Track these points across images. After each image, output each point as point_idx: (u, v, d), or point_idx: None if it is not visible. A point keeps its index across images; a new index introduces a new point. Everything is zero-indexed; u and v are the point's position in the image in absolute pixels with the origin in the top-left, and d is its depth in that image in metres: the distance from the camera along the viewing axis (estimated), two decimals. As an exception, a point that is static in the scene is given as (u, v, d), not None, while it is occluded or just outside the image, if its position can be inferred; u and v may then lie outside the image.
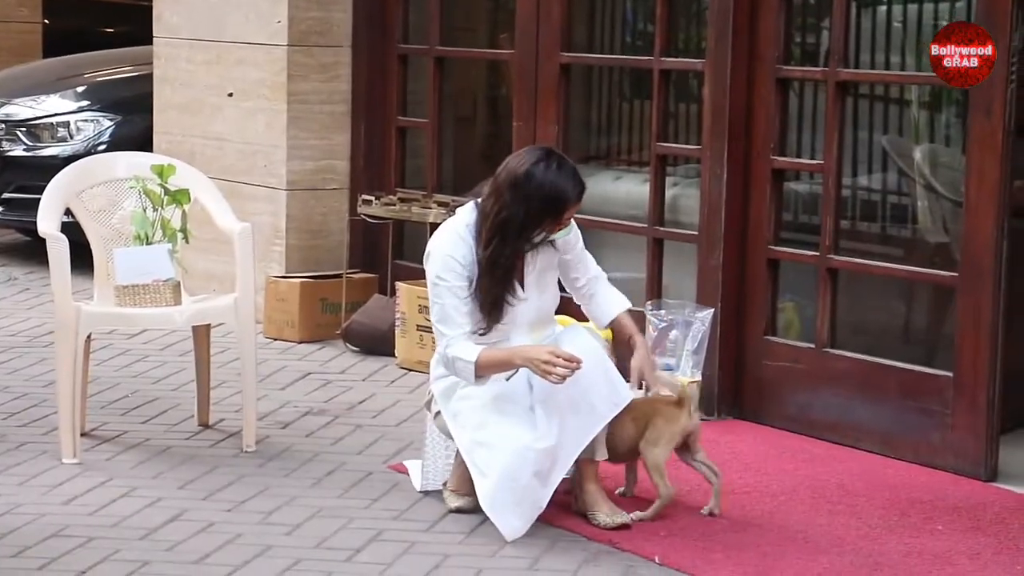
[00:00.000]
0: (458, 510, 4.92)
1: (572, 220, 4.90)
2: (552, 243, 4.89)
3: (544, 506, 4.77)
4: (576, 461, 4.82)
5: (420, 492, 5.11)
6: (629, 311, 5.07)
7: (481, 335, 4.78)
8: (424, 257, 4.92)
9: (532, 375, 4.79)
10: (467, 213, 4.87)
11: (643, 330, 6.07)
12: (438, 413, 4.94)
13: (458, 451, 4.92)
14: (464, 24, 8.05)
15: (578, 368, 4.61)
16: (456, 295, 4.78)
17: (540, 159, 4.78)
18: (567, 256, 4.98)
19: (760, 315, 6.05)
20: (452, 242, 4.83)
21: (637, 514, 4.83)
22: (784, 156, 6.06)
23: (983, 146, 5.34)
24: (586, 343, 4.79)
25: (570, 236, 4.96)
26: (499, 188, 4.77)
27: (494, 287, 4.77)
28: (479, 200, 4.86)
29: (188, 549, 4.60)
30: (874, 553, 4.65)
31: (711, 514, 4.89)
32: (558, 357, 4.61)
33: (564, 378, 4.60)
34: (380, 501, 5.06)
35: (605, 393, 4.76)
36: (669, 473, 4.85)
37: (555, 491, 4.81)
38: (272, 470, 5.37)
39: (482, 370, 4.73)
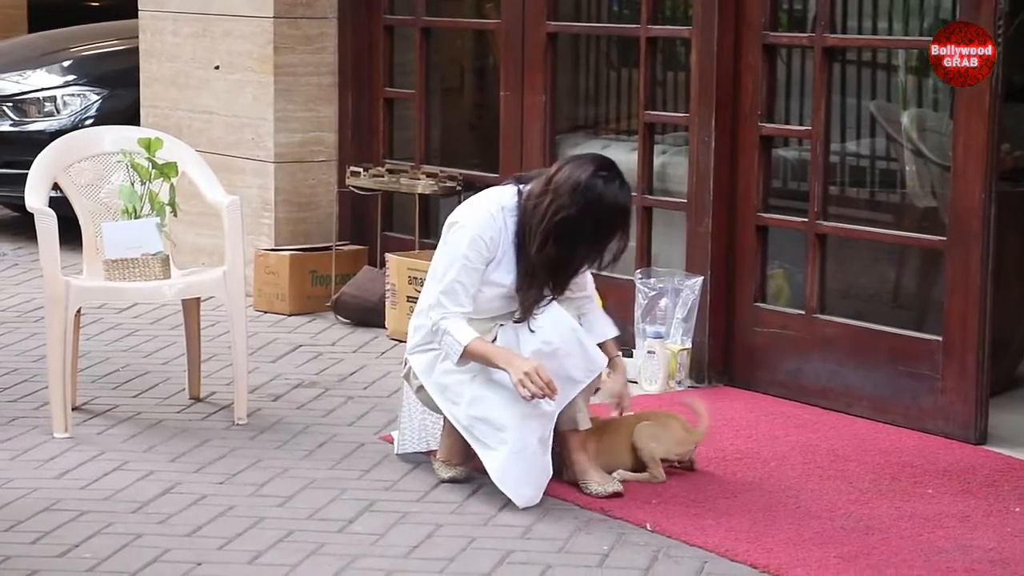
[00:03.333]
0: (452, 480, 4.93)
1: None
2: None
3: (551, 472, 4.79)
4: (561, 433, 4.85)
5: (397, 455, 5.13)
6: (615, 339, 5.06)
7: (516, 322, 4.79)
8: (447, 225, 4.85)
9: (514, 344, 4.81)
10: (508, 196, 4.81)
11: (633, 299, 6.11)
12: (420, 387, 4.93)
13: (446, 422, 4.93)
14: (450, -6, 8.04)
15: (551, 396, 4.64)
16: (471, 276, 4.76)
17: (602, 169, 4.71)
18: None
19: (750, 282, 6.06)
20: (486, 222, 4.77)
21: (621, 472, 4.89)
22: (772, 123, 6.05)
23: (970, 110, 5.34)
24: (561, 318, 4.80)
25: None
26: (557, 189, 4.69)
27: (545, 288, 4.76)
28: (522, 188, 4.81)
29: (180, 522, 4.61)
30: (865, 517, 4.67)
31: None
32: (540, 378, 4.63)
33: (533, 396, 4.63)
34: (372, 472, 5.07)
35: (580, 362, 4.79)
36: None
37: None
38: (263, 442, 5.38)
39: (467, 357, 4.75)
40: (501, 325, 4.85)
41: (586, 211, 4.66)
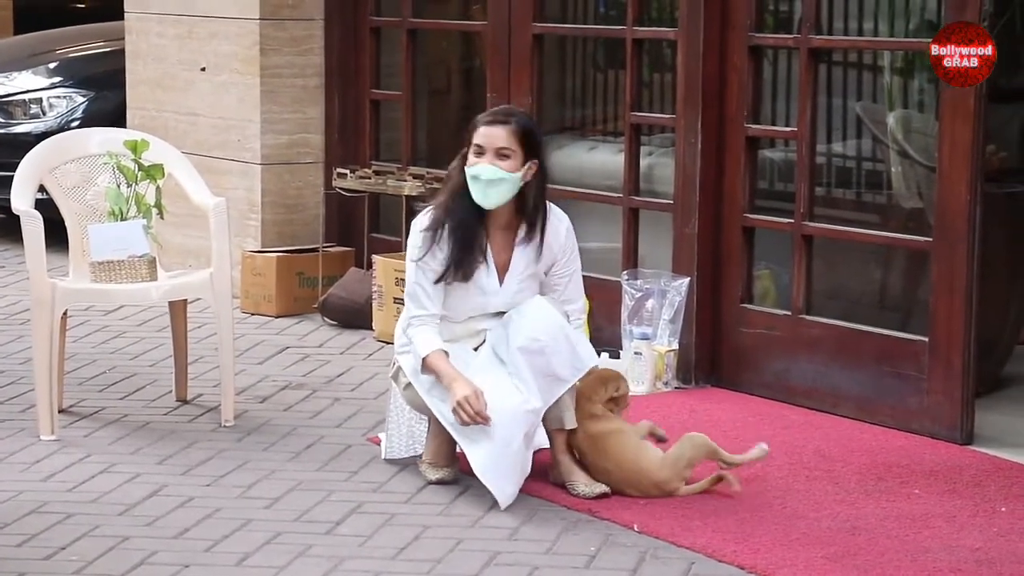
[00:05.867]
0: (439, 482, 4.93)
1: (570, 243, 4.98)
2: (541, 249, 4.92)
3: (529, 470, 4.80)
4: (547, 432, 4.87)
5: (384, 460, 5.13)
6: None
7: (447, 283, 4.85)
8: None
9: (497, 347, 4.86)
10: None
11: (620, 300, 6.12)
12: (408, 385, 4.94)
13: (432, 424, 4.94)
14: (436, -5, 8.04)
15: (484, 424, 4.70)
16: (427, 276, 4.85)
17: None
18: (554, 280, 4.99)
19: (736, 283, 6.06)
20: (431, 219, 4.91)
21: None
22: (758, 124, 6.06)
23: (956, 111, 5.35)
24: (549, 315, 4.82)
25: (561, 268, 4.98)
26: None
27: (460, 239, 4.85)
28: None
29: (167, 524, 4.61)
30: (851, 517, 4.68)
31: None
32: (471, 407, 4.68)
33: (463, 422, 4.71)
34: (359, 474, 5.07)
35: (568, 360, 4.81)
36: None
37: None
38: (251, 444, 5.37)
39: (425, 369, 4.82)
40: (488, 331, 4.89)
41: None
